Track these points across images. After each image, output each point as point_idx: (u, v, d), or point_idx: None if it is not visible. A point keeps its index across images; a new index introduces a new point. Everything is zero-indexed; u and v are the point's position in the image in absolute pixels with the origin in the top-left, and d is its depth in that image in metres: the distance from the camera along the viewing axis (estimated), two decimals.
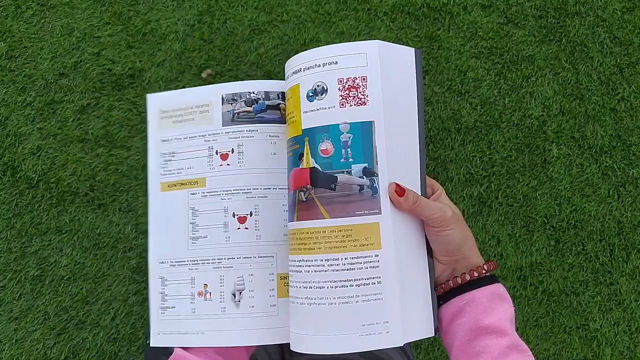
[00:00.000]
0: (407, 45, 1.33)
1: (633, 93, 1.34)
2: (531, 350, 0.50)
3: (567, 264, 1.26)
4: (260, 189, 0.57)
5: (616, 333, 1.24)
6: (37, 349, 1.16)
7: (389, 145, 0.49)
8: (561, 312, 1.24)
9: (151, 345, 0.57)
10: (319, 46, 0.46)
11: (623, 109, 1.34)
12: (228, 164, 0.57)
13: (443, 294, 0.53)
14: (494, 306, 0.50)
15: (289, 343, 0.53)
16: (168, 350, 0.60)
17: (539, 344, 1.22)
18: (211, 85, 0.59)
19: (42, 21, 1.30)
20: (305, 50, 0.52)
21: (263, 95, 0.58)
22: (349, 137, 0.49)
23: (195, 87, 0.60)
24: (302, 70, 0.51)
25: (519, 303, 1.24)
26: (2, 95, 1.26)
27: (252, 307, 0.55)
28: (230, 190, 0.57)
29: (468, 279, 0.52)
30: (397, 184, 0.49)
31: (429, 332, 0.52)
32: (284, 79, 0.55)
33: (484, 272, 0.52)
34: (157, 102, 0.61)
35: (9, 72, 1.27)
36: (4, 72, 1.27)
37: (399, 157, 0.50)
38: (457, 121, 1.31)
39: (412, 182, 0.51)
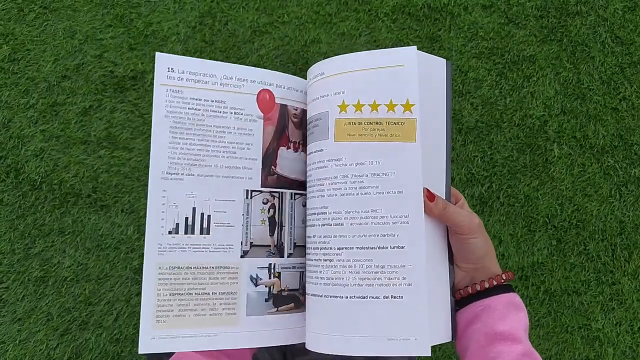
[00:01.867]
0: (408, 45, 1.33)
1: (635, 92, 1.34)
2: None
3: (569, 264, 1.26)
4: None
5: (618, 333, 1.24)
6: (41, 349, 1.17)
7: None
8: (563, 312, 1.24)
9: (140, 352, 0.56)
10: (320, 47, 0.46)
11: (625, 109, 1.34)
12: None
13: (460, 299, 0.54)
14: (509, 314, 0.51)
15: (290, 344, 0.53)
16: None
17: (541, 343, 1.22)
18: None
19: (45, 24, 1.31)
20: (306, 51, 0.52)
21: None
22: None
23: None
24: None
25: None
26: (5, 97, 1.27)
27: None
28: None
29: (487, 286, 0.52)
30: (428, 190, 0.49)
31: (447, 337, 0.52)
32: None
33: (502, 281, 0.53)
34: None
35: (12, 75, 1.28)
36: (7, 75, 1.28)
37: (428, 166, 0.51)
38: (458, 121, 1.31)
39: (439, 190, 0.52)
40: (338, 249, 0.50)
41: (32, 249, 1.21)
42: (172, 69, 0.54)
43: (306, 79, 0.57)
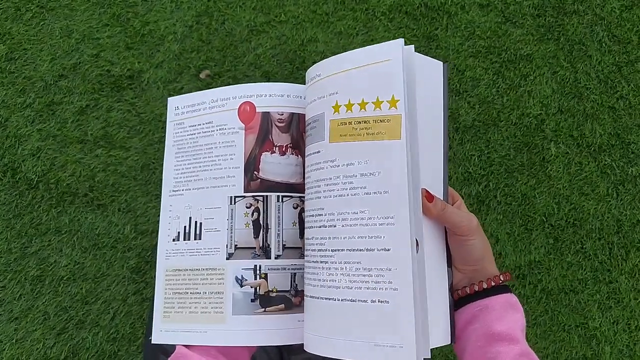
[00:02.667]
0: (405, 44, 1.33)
1: (632, 91, 1.34)
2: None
3: (566, 263, 1.26)
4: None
5: (615, 331, 1.24)
6: (37, 348, 1.17)
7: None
8: (560, 310, 1.24)
9: (153, 342, 0.58)
10: (317, 46, 0.46)
11: (622, 107, 1.34)
12: None
13: (458, 299, 0.54)
14: (506, 314, 0.51)
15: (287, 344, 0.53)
16: (167, 350, 0.61)
17: (538, 342, 1.22)
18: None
19: (42, 23, 1.31)
20: (303, 50, 0.52)
21: None
22: None
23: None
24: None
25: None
26: (2, 97, 1.27)
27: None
28: None
29: (485, 286, 0.52)
30: (426, 190, 0.49)
31: (446, 340, 0.52)
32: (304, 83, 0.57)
33: (500, 281, 0.53)
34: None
35: (9, 74, 1.28)
36: (4, 74, 1.28)
37: (425, 167, 0.50)
38: (455, 120, 1.31)
39: (436, 191, 0.51)
40: (332, 250, 0.49)
41: (28, 248, 1.21)
42: (177, 107, 0.63)
43: (300, 79, 0.57)
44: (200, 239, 0.59)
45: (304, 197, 0.57)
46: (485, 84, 1.34)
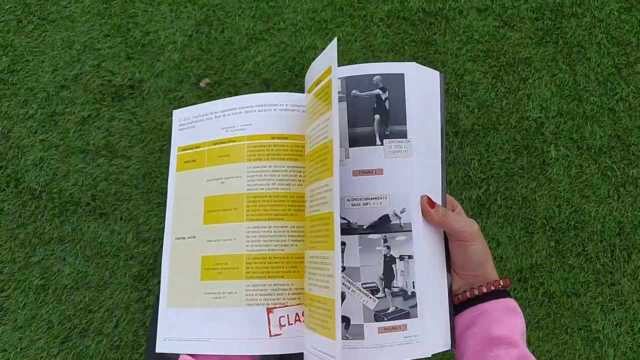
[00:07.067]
0: (404, 49, 1.34)
1: (632, 93, 1.34)
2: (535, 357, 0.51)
3: (568, 265, 1.26)
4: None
5: (619, 334, 1.23)
6: (42, 357, 1.17)
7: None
8: (562, 313, 1.24)
9: (157, 351, 0.57)
10: (315, 53, 0.46)
11: (622, 109, 1.34)
12: None
13: (459, 304, 0.54)
14: (505, 318, 0.51)
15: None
16: (170, 358, 0.60)
17: (541, 345, 1.21)
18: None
19: (43, 35, 1.33)
20: (302, 57, 0.53)
21: None
22: None
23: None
24: None
25: (519, 305, 1.23)
26: (5, 108, 1.28)
27: None
28: None
29: (485, 291, 0.53)
30: (428, 197, 0.50)
31: (447, 346, 0.52)
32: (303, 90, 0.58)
33: (500, 286, 0.53)
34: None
35: (11, 86, 1.30)
36: (7, 86, 1.29)
37: (424, 175, 0.51)
38: (454, 124, 1.31)
39: (435, 199, 0.52)
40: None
41: (32, 257, 1.22)
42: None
43: (299, 85, 0.57)
44: None
45: None
46: (484, 87, 1.34)
